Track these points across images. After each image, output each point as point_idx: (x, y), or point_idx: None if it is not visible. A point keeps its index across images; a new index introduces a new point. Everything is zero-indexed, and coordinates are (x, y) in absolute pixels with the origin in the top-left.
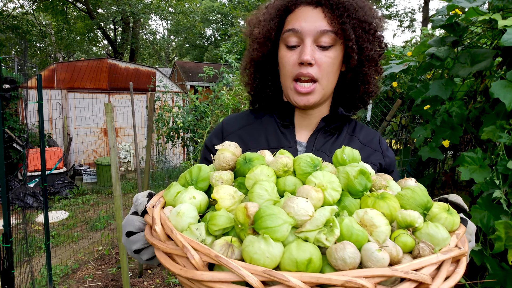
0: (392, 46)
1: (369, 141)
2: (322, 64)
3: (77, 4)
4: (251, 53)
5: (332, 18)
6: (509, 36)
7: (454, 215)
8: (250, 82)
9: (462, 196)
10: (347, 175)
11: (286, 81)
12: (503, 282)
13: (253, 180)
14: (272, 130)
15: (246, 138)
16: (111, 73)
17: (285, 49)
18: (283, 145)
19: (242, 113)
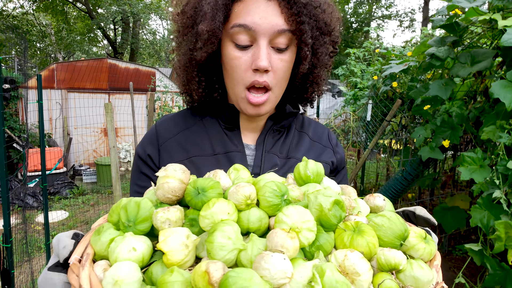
0: (392, 46)
1: (319, 137)
2: (278, 71)
3: (77, 4)
4: (191, 52)
5: (289, 15)
6: (509, 36)
7: (431, 243)
8: (194, 87)
9: (462, 196)
10: (321, 208)
11: (236, 88)
12: (503, 282)
13: (210, 220)
14: (216, 133)
15: (186, 144)
16: (111, 73)
17: (232, 47)
18: (230, 150)
19: (178, 114)
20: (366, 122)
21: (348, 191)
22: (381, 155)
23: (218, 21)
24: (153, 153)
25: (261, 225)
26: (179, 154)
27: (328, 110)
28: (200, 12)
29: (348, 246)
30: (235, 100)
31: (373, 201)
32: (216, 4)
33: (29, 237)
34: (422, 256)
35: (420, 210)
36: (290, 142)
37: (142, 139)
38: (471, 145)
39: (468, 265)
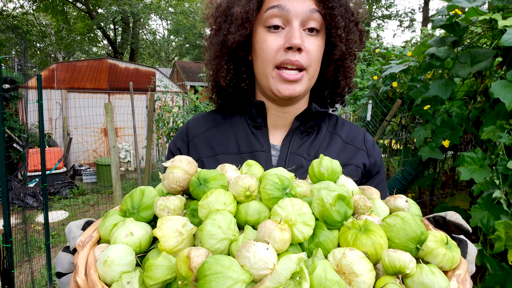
0: (392, 46)
1: (352, 138)
2: (311, 51)
3: (77, 4)
4: (224, 37)
5: (319, 1)
6: (509, 36)
7: (454, 249)
8: (222, 74)
9: (462, 196)
10: (322, 202)
11: (266, 69)
12: (503, 282)
13: (206, 210)
14: (242, 132)
15: (213, 141)
16: (111, 73)
17: (265, 31)
18: (256, 149)
19: (209, 113)
20: (366, 122)
21: (370, 192)
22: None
23: (252, 5)
24: (182, 147)
25: (259, 219)
26: (206, 150)
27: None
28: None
29: (351, 245)
30: (266, 83)
31: (393, 202)
32: None
33: (29, 237)
34: (441, 263)
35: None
36: (320, 144)
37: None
38: (471, 145)
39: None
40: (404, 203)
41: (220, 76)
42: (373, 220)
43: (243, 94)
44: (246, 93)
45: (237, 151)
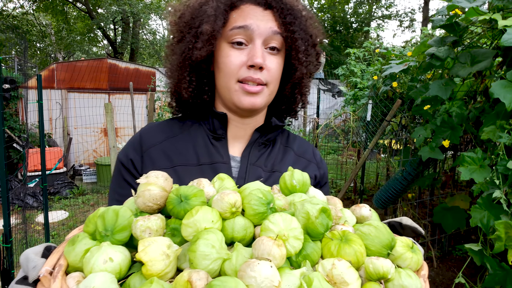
0: (392, 46)
1: (303, 152)
2: (271, 69)
3: (77, 4)
4: (189, 50)
5: (282, 23)
6: (509, 36)
7: (418, 253)
8: (185, 85)
9: (462, 196)
10: (308, 215)
11: (229, 82)
12: (503, 282)
13: (192, 229)
14: (202, 143)
15: (171, 152)
16: (111, 73)
17: (228, 46)
18: (216, 161)
19: (164, 122)
20: (366, 122)
21: (334, 202)
22: (381, 155)
23: (219, 22)
24: (135, 159)
25: (246, 234)
26: (163, 162)
27: (328, 110)
28: (202, 15)
29: (335, 255)
30: (228, 97)
31: (359, 211)
32: (218, 8)
33: (29, 237)
34: (409, 265)
35: (407, 220)
36: (276, 156)
37: (125, 145)
38: (471, 145)
39: (468, 265)
40: (368, 212)
41: (182, 87)
42: (349, 230)
43: (203, 104)
44: (207, 103)
45: (197, 163)
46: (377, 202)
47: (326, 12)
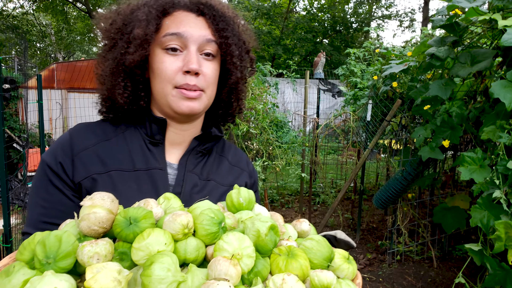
0: (392, 46)
1: (237, 161)
2: (207, 75)
3: (77, 4)
4: (121, 56)
5: (215, 30)
6: (509, 36)
7: (353, 263)
8: (119, 91)
9: (462, 196)
10: (258, 233)
11: (166, 88)
12: (503, 282)
13: (144, 252)
14: (138, 148)
15: (105, 156)
16: None
17: (163, 52)
18: (152, 167)
19: (96, 124)
20: (366, 122)
21: (276, 217)
22: (381, 155)
23: (151, 27)
24: (65, 162)
25: (198, 255)
26: (96, 166)
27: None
28: (133, 20)
29: (283, 270)
30: (165, 102)
31: (299, 226)
32: (150, 14)
33: None
34: (346, 275)
35: (341, 234)
36: (211, 165)
37: (51, 146)
38: (471, 145)
39: (468, 265)
40: (308, 227)
41: (117, 93)
42: (293, 245)
43: (139, 110)
44: (143, 109)
45: (132, 168)
46: (377, 202)
47: (326, 12)
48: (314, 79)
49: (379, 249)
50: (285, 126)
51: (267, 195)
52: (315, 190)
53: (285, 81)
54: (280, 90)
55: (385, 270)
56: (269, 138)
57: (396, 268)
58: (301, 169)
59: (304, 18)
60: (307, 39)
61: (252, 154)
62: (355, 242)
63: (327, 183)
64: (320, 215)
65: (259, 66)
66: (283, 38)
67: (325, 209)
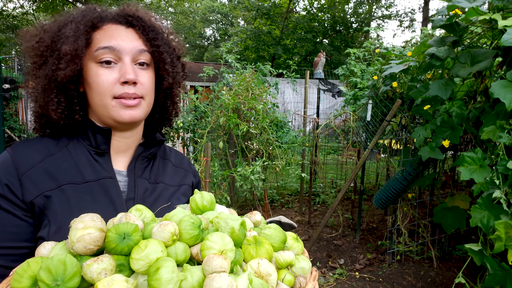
0: (392, 46)
1: (180, 162)
2: (144, 83)
3: (77, 4)
4: (53, 72)
5: (146, 40)
6: (509, 36)
7: (299, 241)
8: (53, 107)
9: (462, 196)
10: (233, 230)
11: (105, 100)
12: (503, 282)
13: (145, 261)
14: (84, 160)
15: (53, 171)
16: None
17: (97, 66)
18: (102, 176)
19: (35, 140)
20: (366, 122)
21: (233, 212)
22: (381, 155)
23: (81, 42)
24: (12, 183)
25: (186, 256)
26: (47, 183)
27: (328, 110)
28: (62, 37)
29: (255, 256)
30: (105, 113)
31: (254, 217)
32: (78, 30)
33: None
34: (297, 252)
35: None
36: (157, 168)
37: None
38: (471, 145)
39: (468, 265)
40: (260, 217)
41: (51, 109)
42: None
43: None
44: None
45: (82, 180)
46: (377, 202)
47: (326, 12)
48: (314, 79)
49: (379, 249)
50: (285, 126)
51: (267, 195)
52: (315, 190)
53: (285, 81)
54: (280, 90)
55: (385, 270)
56: (269, 138)
57: (396, 268)
58: (301, 169)
59: (304, 18)
60: (307, 39)
61: (252, 154)
62: (355, 242)
63: (327, 183)
64: (320, 215)
65: (259, 66)
66: (283, 38)
67: (325, 209)
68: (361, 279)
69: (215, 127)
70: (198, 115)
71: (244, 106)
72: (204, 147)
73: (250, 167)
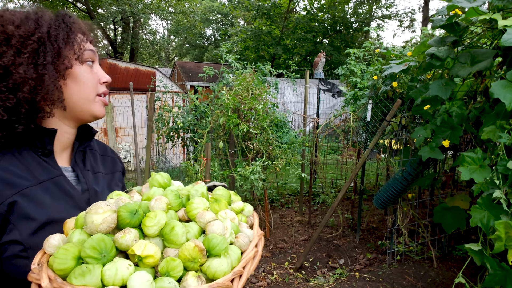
0: (392, 46)
1: (104, 151)
2: None
3: (77, 4)
4: None
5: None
6: (509, 36)
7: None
8: None
9: (462, 196)
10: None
11: (90, 96)
12: (503, 282)
13: (157, 226)
14: (33, 162)
15: (9, 178)
16: (111, 73)
17: (81, 66)
18: (54, 175)
19: None
20: (366, 122)
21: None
22: (381, 155)
23: None
24: None
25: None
26: (7, 191)
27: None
28: None
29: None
30: (86, 107)
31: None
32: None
33: None
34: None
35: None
36: (91, 159)
37: None
38: (471, 145)
39: (468, 265)
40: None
41: None
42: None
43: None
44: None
45: (37, 181)
46: (377, 202)
47: (326, 12)
48: (314, 79)
49: (379, 249)
50: (285, 126)
51: (267, 195)
52: (315, 190)
53: (285, 81)
54: (280, 90)
55: (385, 270)
56: (269, 138)
57: (396, 268)
58: (301, 169)
59: (304, 18)
60: (307, 39)
61: (252, 154)
62: (355, 242)
63: (327, 183)
64: (320, 215)
65: (259, 66)
66: (283, 38)
67: (325, 209)
68: (361, 279)
69: (215, 127)
70: (198, 115)
71: (244, 106)
72: (204, 147)
73: (250, 167)
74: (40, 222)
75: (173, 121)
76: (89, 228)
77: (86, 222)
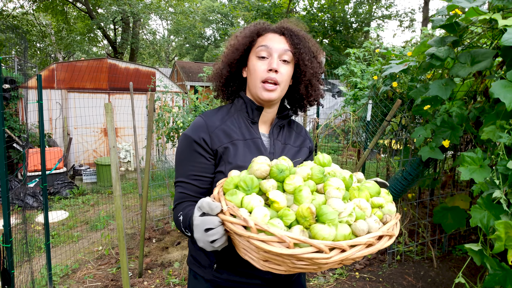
0: (392, 46)
1: (300, 131)
2: (283, 73)
3: (77, 4)
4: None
5: (291, 44)
6: (509, 36)
7: (389, 195)
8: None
9: (462, 196)
10: (344, 178)
11: (256, 81)
12: (503, 282)
13: (293, 185)
14: (244, 125)
15: (228, 131)
16: (111, 73)
17: (256, 59)
18: (254, 137)
19: (216, 111)
20: (366, 122)
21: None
22: (381, 155)
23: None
24: (206, 137)
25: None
26: (225, 139)
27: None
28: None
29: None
30: (254, 91)
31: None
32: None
33: (29, 237)
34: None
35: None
36: (285, 134)
37: (191, 128)
38: (471, 145)
39: (468, 265)
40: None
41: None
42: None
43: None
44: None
45: (243, 138)
46: None
47: (326, 12)
48: None
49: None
50: None
51: None
52: None
53: None
54: None
55: (385, 270)
56: None
57: (396, 268)
58: None
59: (304, 18)
60: None
61: None
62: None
63: None
64: None
65: None
66: None
67: None
68: (361, 279)
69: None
70: (198, 115)
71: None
72: None
73: None
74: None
75: (173, 121)
76: (251, 171)
77: (251, 167)
